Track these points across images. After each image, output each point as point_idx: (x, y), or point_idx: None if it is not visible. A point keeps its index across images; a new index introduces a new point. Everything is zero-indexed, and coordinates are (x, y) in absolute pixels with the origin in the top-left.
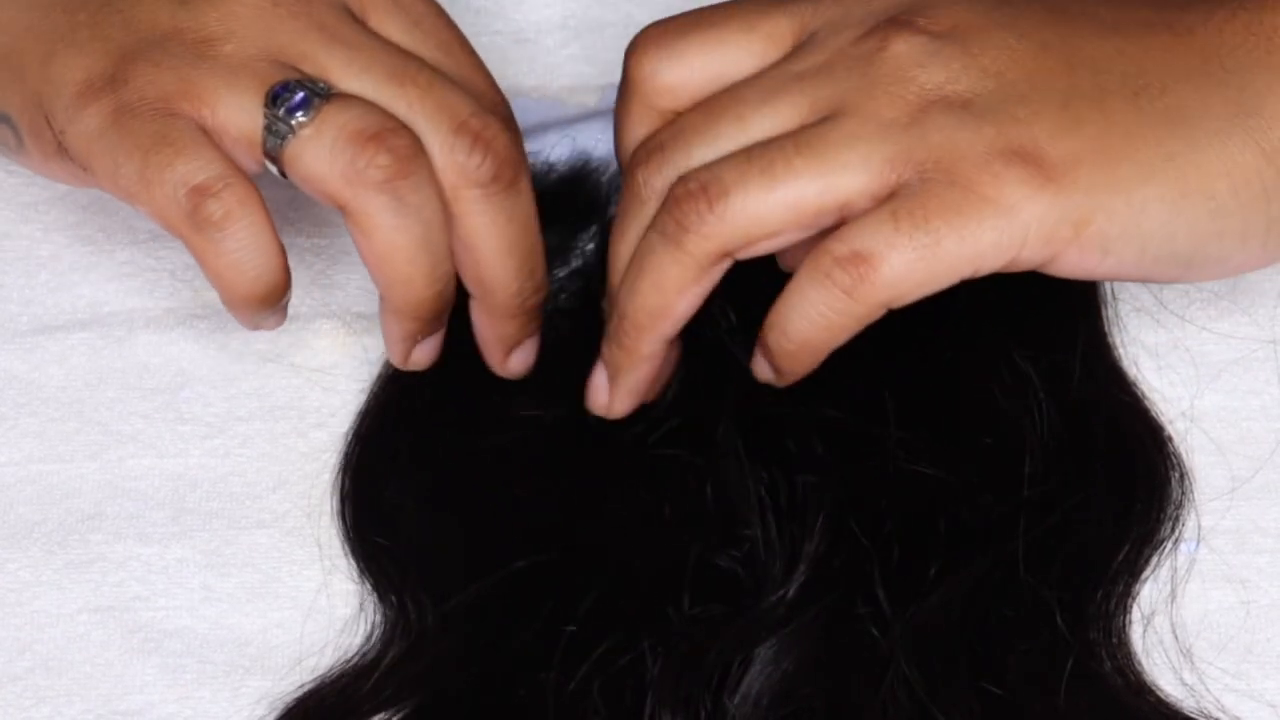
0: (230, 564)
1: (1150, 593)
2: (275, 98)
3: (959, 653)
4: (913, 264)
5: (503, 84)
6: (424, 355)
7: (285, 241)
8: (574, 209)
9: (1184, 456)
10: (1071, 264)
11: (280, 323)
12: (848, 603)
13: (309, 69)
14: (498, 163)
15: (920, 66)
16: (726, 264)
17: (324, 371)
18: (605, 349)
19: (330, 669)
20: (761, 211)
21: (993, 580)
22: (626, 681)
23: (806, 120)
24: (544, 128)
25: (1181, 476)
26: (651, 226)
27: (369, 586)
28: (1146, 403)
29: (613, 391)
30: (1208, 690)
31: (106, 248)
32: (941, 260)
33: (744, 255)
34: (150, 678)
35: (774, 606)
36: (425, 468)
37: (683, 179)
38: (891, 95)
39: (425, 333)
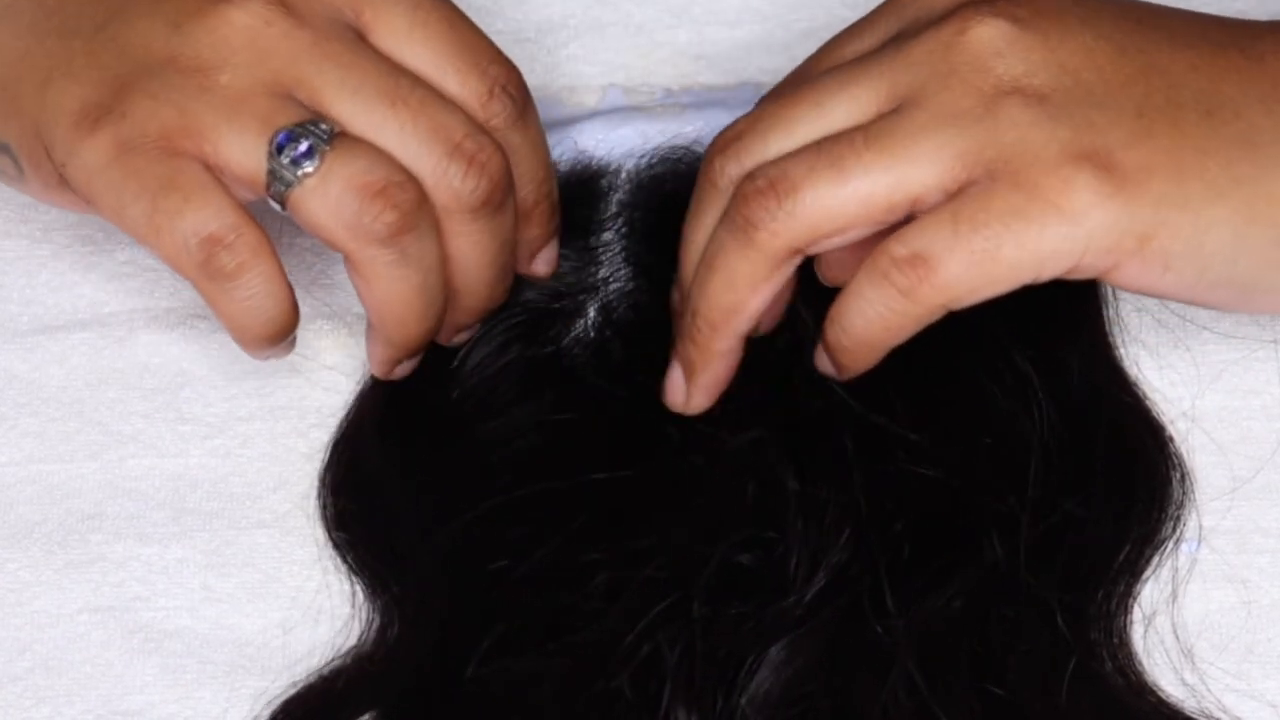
0: (230, 564)
1: (1151, 593)
2: (280, 147)
3: (960, 653)
4: (970, 268)
5: None
6: (406, 371)
7: (285, 242)
8: (574, 211)
9: (1185, 456)
10: (1132, 276)
11: (288, 353)
12: (854, 603)
13: (303, 95)
14: (490, 187)
15: (999, 55)
16: (797, 260)
17: (324, 371)
18: (680, 346)
19: (322, 667)
20: (832, 207)
21: (993, 580)
22: (637, 678)
23: (883, 108)
24: (544, 127)
25: (1182, 476)
26: (722, 223)
27: (361, 585)
28: (1147, 403)
29: (690, 389)
30: (1209, 690)
31: (106, 248)
32: (1001, 265)
33: (814, 251)
34: (150, 678)
35: (791, 607)
36: (421, 466)
37: (750, 175)
38: (968, 85)
39: (410, 358)
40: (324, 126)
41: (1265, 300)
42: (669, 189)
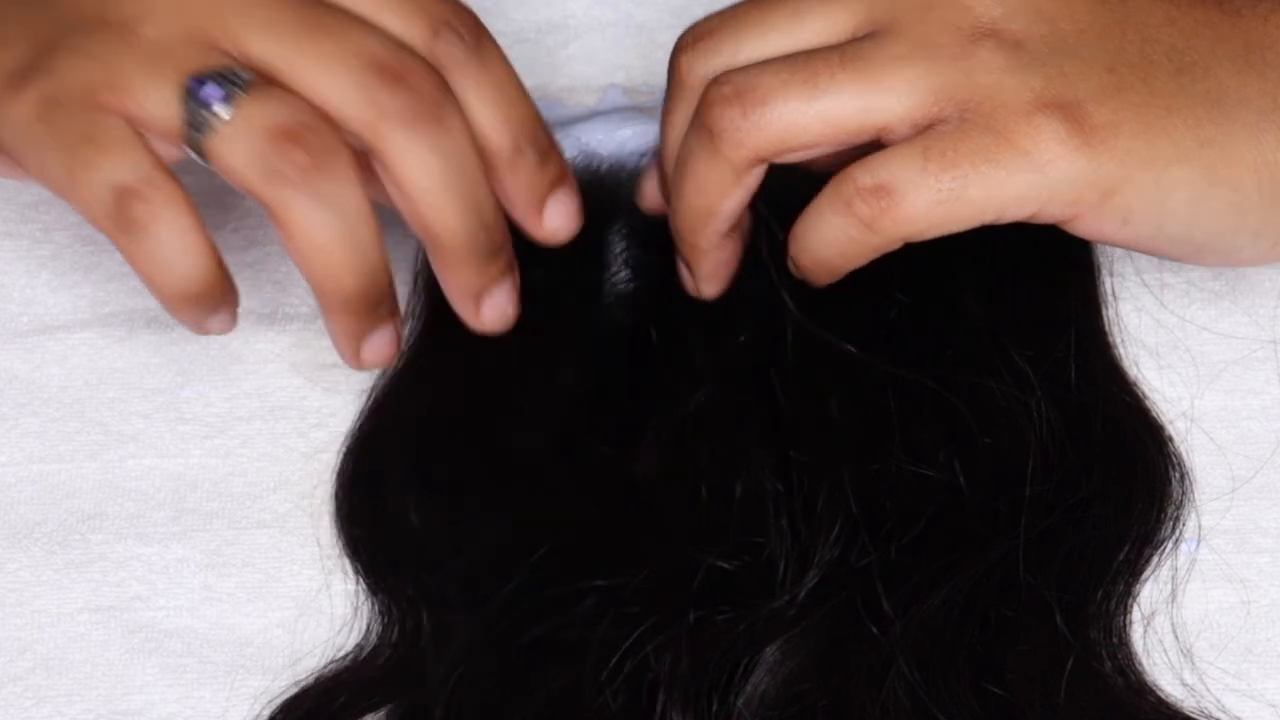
0: (230, 564)
1: (1150, 593)
2: (191, 92)
3: (959, 653)
4: (935, 205)
5: None
6: (376, 353)
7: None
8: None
9: (1184, 456)
10: (1090, 226)
11: (228, 326)
12: (851, 604)
13: (227, 43)
14: (415, 97)
15: (978, 2)
16: (764, 167)
17: (324, 371)
18: (675, 240)
19: (324, 668)
20: (799, 122)
21: (993, 580)
22: (634, 682)
23: (859, 30)
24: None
25: (1182, 476)
26: (691, 125)
27: (364, 586)
28: (1147, 403)
29: (695, 281)
30: (1208, 690)
31: (107, 247)
32: (965, 205)
33: (778, 161)
34: (150, 678)
35: (783, 609)
36: (425, 469)
37: (718, 81)
38: (946, 21)
39: (365, 328)
40: (241, 73)
41: (1215, 258)
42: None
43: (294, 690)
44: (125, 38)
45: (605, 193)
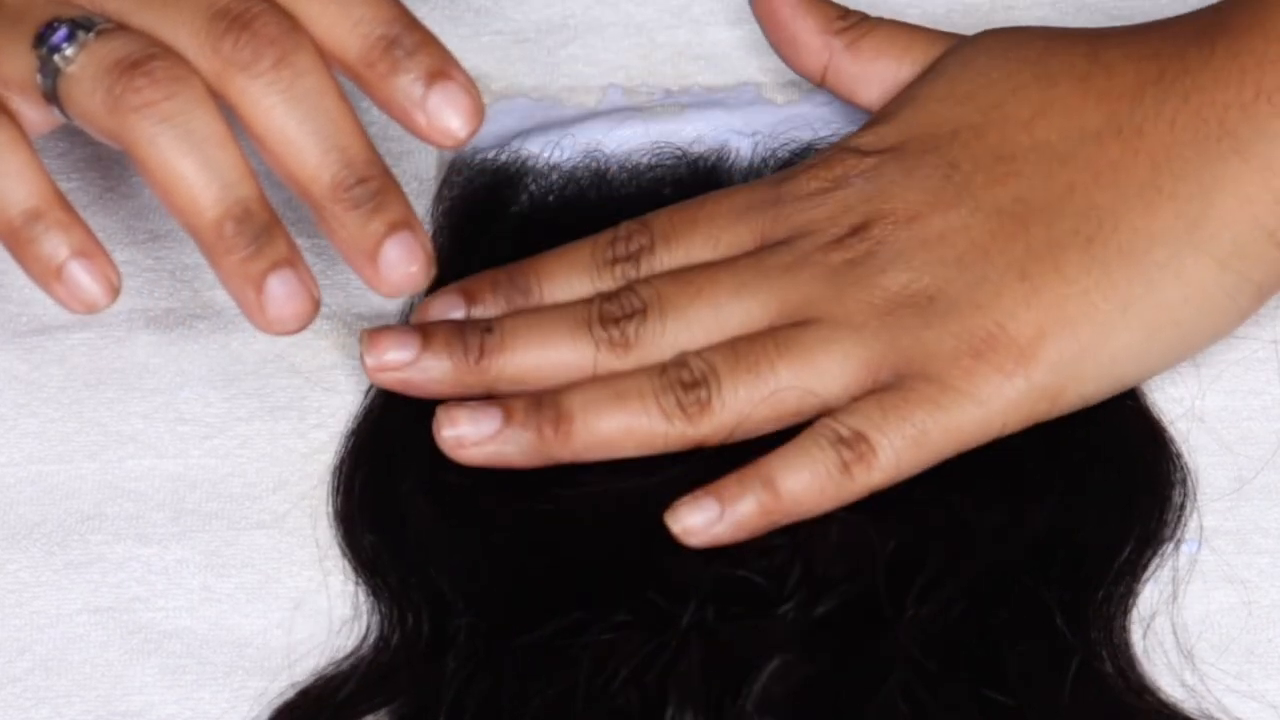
0: (230, 565)
1: (1151, 593)
2: (40, 37)
3: (959, 654)
4: (904, 451)
5: (502, 84)
6: (280, 305)
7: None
8: (582, 207)
9: (1186, 457)
10: (1060, 413)
11: (88, 286)
12: (851, 605)
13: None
14: (260, 42)
15: (882, 272)
16: None
17: (324, 371)
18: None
19: (324, 669)
20: (746, 410)
21: (993, 580)
22: (637, 685)
23: (776, 320)
24: (544, 128)
25: (1184, 477)
26: (640, 391)
27: (364, 587)
28: (1148, 403)
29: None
30: (1209, 691)
31: (106, 248)
32: (930, 448)
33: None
34: (150, 678)
35: (789, 612)
36: (425, 470)
37: (677, 363)
38: (860, 302)
39: (252, 269)
40: (93, 19)
41: (1186, 358)
42: (668, 191)
43: (293, 691)
44: None
45: (607, 191)
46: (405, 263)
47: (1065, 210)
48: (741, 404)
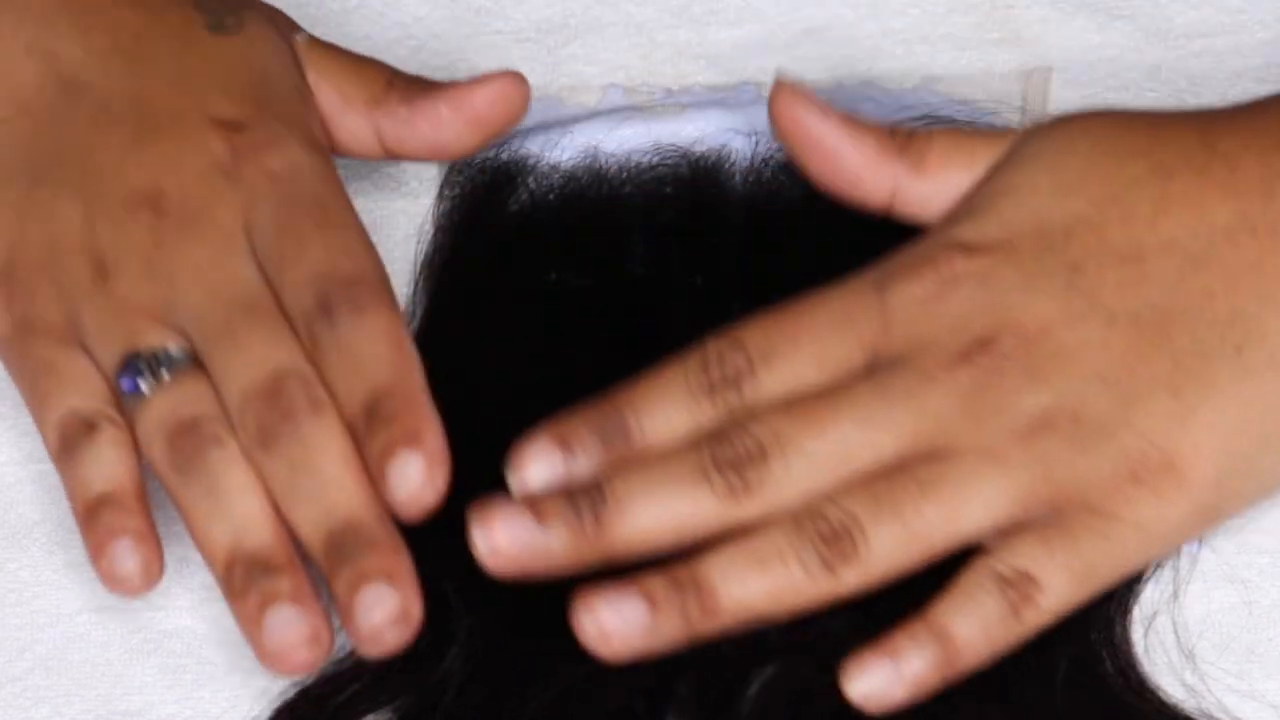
0: None
1: (1152, 593)
2: (122, 372)
3: None
4: (1071, 586)
5: None
6: (281, 638)
7: None
8: (582, 207)
9: None
10: (1211, 531)
11: (137, 572)
12: (851, 606)
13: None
14: (279, 418)
15: (1020, 393)
16: None
17: None
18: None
19: (324, 668)
20: (899, 555)
21: None
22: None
23: (906, 452)
24: (544, 128)
25: None
26: (780, 551)
27: None
28: None
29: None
30: (1209, 691)
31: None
32: (1096, 580)
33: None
34: (150, 678)
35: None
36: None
37: (812, 514)
38: (1000, 429)
39: (250, 604)
40: (172, 352)
41: None
42: (669, 191)
43: (294, 690)
44: (98, 284)
45: (607, 191)
46: (379, 627)
47: (1206, 317)
48: (889, 552)
